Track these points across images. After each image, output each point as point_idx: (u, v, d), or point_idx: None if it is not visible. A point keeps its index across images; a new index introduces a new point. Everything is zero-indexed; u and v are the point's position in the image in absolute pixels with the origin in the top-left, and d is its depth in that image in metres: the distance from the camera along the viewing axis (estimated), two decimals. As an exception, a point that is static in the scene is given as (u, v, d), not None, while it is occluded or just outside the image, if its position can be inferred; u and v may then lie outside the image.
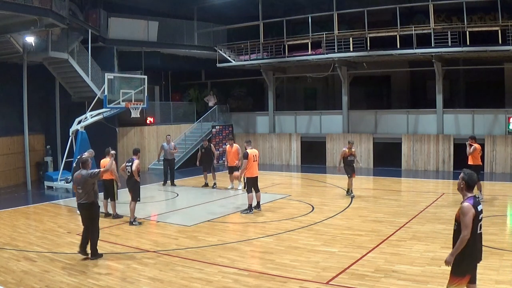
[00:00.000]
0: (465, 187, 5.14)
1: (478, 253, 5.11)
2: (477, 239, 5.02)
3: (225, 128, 23.40)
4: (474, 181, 5.14)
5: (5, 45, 15.89)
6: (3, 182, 16.85)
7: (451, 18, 20.17)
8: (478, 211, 4.99)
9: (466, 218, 4.96)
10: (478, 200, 5.12)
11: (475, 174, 5.17)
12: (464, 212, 4.98)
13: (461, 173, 5.21)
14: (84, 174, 8.17)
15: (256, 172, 11.85)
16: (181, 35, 22.26)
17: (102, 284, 6.94)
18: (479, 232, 5.05)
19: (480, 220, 5.03)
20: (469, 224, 4.93)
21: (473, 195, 5.10)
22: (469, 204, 4.99)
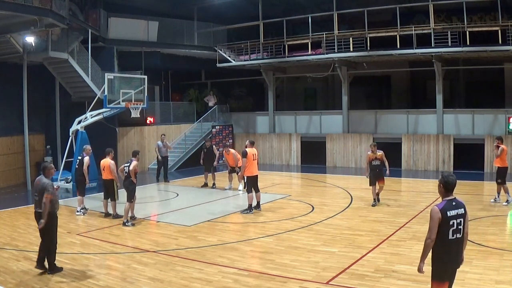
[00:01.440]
0: (443, 190, 4.98)
1: (450, 261, 4.92)
2: (447, 245, 4.85)
3: (225, 128, 23.40)
4: (451, 184, 4.93)
5: (5, 45, 15.88)
6: (3, 182, 16.84)
7: (451, 18, 20.18)
8: (448, 216, 4.81)
9: (431, 222, 4.89)
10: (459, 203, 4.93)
11: (453, 177, 4.99)
12: (430, 216, 4.91)
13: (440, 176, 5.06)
14: (42, 183, 7.40)
15: (255, 171, 11.86)
16: (181, 35, 22.26)
17: (102, 284, 6.94)
18: (453, 238, 4.84)
19: (451, 225, 4.82)
20: (432, 228, 4.86)
21: (449, 198, 4.93)
22: (436, 208, 4.87)
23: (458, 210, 4.88)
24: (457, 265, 5.03)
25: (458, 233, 4.86)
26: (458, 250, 4.93)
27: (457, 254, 4.94)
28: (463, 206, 4.94)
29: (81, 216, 11.73)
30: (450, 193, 4.95)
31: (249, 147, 12.06)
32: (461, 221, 4.87)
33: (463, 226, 4.89)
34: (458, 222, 4.84)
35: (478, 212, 11.11)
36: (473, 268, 7.15)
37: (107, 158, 11.36)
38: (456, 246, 4.90)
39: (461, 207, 4.91)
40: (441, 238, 4.82)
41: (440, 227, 4.82)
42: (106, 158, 11.37)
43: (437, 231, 4.83)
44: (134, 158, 11.00)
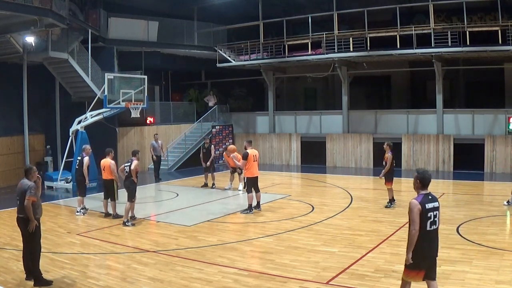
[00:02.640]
0: (419, 186, 5.34)
1: (429, 250, 5.25)
2: (426, 236, 5.18)
3: (225, 128, 23.40)
4: (428, 179, 5.33)
5: (5, 45, 15.89)
6: (3, 182, 16.85)
7: (451, 18, 20.18)
8: (426, 208, 5.17)
9: (412, 214, 5.20)
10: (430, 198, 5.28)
11: (429, 173, 5.41)
12: (410, 208, 5.22)
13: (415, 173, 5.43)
14: (24, 185, 7.01)
15: (256, 172, 11.87)
16: (181, 35, 22.26)
17: (102, 284, 6.94)
18: (430, 229, 5.21)
19: (429, 218, 5.18)
20: (414, 220, 5.16)
21: (425, 192, 5.29)
22: (415, 200, 5.21)
23: (434, 203, 5.29)
24: (435, 254, 5.36)
25: (435, 224, 5.26)
26: (435, 241, 5.32)
27: (435, 245, 5.32)
28: (437, 200, 5.37)
29: (81, 216, 11.73)
30: (426, 188, 5.34)
31: (248, 147, 12.06)
32: (436, 213, 5.28)
33: (438, 218, 5.31)
34: (434, 215, 5.25)
35: (478, 212, 11.11)
36: (473, 268, 7.16)
37: (107, 158, 11.36)
38: (433, 237, 5.29)
39: (436, 201, 5.33)
40: (420, 230, 5.17)
41: (418, 218, 5.16)
42: (106, 158, 11.37)
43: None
44: (134, 158, 11.00)
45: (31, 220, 6.90)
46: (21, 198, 6.95)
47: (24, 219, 6.96)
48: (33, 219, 6.90)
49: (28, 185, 6.96)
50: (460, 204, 12.36)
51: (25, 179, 7.10)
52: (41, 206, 7.22)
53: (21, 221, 7.02)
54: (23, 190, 6.95)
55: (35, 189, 6.99)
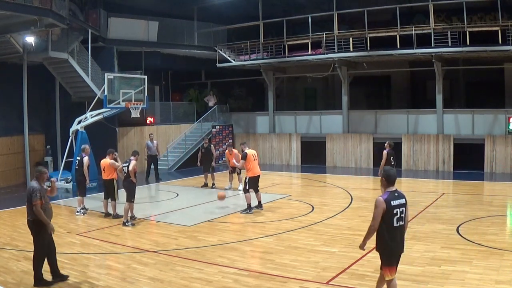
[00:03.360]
0: (385, 183, 5.54)
1: (396, 245, 5.44)
2: (392, 232, 5.36)
3: (225, 128, 23.39)
4: (393, 176, 5.53)
5: (5, 45, 15.88)
6: (3, 182, 16.85)
7: (451, 18, 20.18)
8: (392, 205, 5.33)
9: (375, 211, 5.36)
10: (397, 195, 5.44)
11: (394, 171, 5.62)
12: (375, 205, 5.38)
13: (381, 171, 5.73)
14: (30, 187, 7.01)
15: (258, 171, 11.92)
16: (181, 35, 22.26)
17: (102, 284, 6.94)
18: (397, 225, 5.36)
19: (395, 214, 5.34)
20: (376, 217, 5.33)
21: (391, 190, 5.45)
22: (380, 198, 5.38)
23: (400, 200, 5.43)
24: (402, 250, 5.56)
25: (401, 220, 5.41)
26: (401, 236, 5.49)
27: (401, 240, 5.50)
28: (404, 197, 5.51)
29: (81, 216, 11.73)
30: (392, 185, 5.51)
31: (245, 148, 12.07)
32: (403, 210, 5.43)
33: (405, 214, 5.46)
34: (400, 211, 5.39)
35: (478, 212, 11.11)
36: (473, 268, 7.16)
37: (107, 158, 11.36)
38: (400, 233, 5.46)
39: (402, 198, 5.48)
40: (387, 226, 5.32)
41: (385, 216, 5.31)
42: (106, 158, 11.37)
43: (383, 219, 5.31)
44: (133, 158, 11.00)
45: (46, 223, 6.87)
46: (28, 201, 6.93)
47: (31, 221, 6.94)
48: (47, 222, 6.87)
49: (34, 189, 6.90)
50: (460, 204, 12.36)
51: (34, 181, 7.08)
52: (50, 209, 7.14)
53: (29, 223, 7.01)
54: (28, 193, 6.93)
55: (41, 192, 6.92)
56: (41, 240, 6.96)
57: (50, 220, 7.03)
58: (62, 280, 7.01)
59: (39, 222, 6.86)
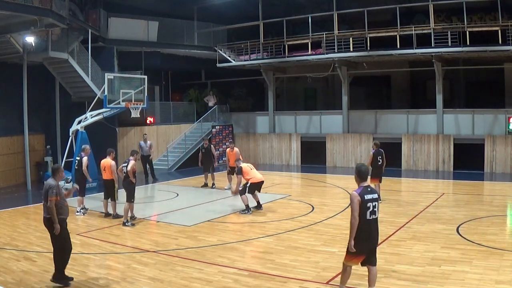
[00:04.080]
0: (358, 179, 5.95)
1: (369, 237, 5.79)
2: (366, 224, 5.72)
3: (225, 128, 23.39)
4: (364, 172, 5.92)
5: (5, 45, 15.89)
6: (3, 182, 16.84)
7: (451, 18, 20.18)
8: (365, 199, 5.71)
9: (352, 205, 5.74)
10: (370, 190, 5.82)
11: (365, 167, 6.01)
12: (351, 199, 5.78)
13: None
14: (46, 184, 7.01)
15: (260, 177, 11.90)
16: (181, 35, 22.25)
17: (102, 284, 6.94)
18: (369, 218, 5.74)
19: (368, 208, 5.71)
20: (354, 209, 5.70)
21: (364, 185, 5.85)
22: (355, 192, 5.79)
23: (373, 195, 5.82)
24: (375, 242, 5.96)
25: (374, 214, 5.79)
26: (375, 229, 5.87)
27: (375, 232, 5.88)
28: (376, 192, 5.95)
29: (81, 216, 11.73)
30: (364, 180, 5.91)
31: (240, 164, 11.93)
32: (375, 204, 5.81)
33: (377, 208, 5.83)
34: (373, 205, 5.78)
35: (478, 212, 11.11)
36: (473, 268, 7.16)
37: (108, 158, 11.36)
38: (373, 225, 5.83)
39: (374, 193, 5.89)
40: (361, 219, 5.70)
41: (360, 209, 5.68)
42: (107, 158, 11.36)
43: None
44: (132, 158, 11.00)
45: (55, 221, 6.87)
46: (45, 198, 6.97)
47: (47, 219, 6.95)
48: (56, 221, 6.86)
49: (50, 185, 6.93)
50: (460, 204, 12.36)
51: (50, 179, 7.09)
52: (66, 207, 7.13)
53: (46, 221, 7.02)
54: (45, 190, 6.96)
55: (58, 188, 6.96)
56: (61, 239, 6.98)
57: (66, 217, 7.10)
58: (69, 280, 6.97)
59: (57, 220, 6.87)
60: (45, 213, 6.98)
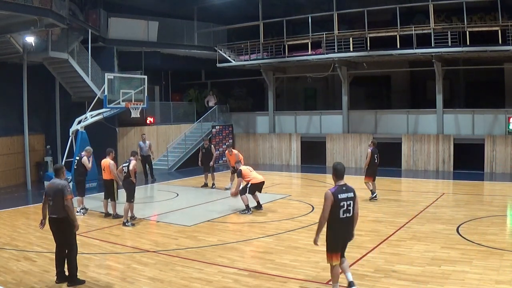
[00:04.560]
0: (334, 177, 6.07)
1: (343, 234, 5.98)
2: (339, 222, 5.87)
3: (225, 128, 23.39)
4: (340, 171, 6.03)
5: (5, 45, 15.89)
6: (3, 182, 16.84)
7: (451, 18, 20.19)
8: (339, 198, 5.82)
9: (324, 203, 5.88)
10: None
11: (341, 165, 6.11)
12: (324, 198, 5.89)
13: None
14: (57, 184, 6.89)
15: (261, 178, 11.92)
16: (181, 35, 22.25)
17: (102, 284, 6.94)
18: (343, 217, 5.85)
19: (342, 206, 5.82)
20: (325, 208, 5.85)
21: (340, 184, 5.95)
22: (329, 191, 5.90)
23: (348, 194, 5.91)
24: (348, 239, 6.09)
25: (348, 213, 5.89)
26: (348, 227, 5.98)
27: (348, 230, 6.00)
28: (353, 191, 5.98)
29: (81, 216, 11.72)
30: (341, 179, 6.01)
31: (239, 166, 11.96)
32: (350, 203, 5.90)
33: (352, 207, 5.92)
34: (348, 204, 5.87)
35: (478, 212, 11.11)
36: (473, 268, 7.16)
37: (107, 158, 11.36)
38: (346, 224, 5.93)
39: (350, 191, 5.95)
40: (334, 217, 5.82)
41: (332, 207, 5.80)
42: (106, 158, 11.36)
43: (330, 211, 5.81)
44: (132, 158, 11.01)
45: (74, 219, 6.80)
46: (54, 198, 6.80)
47: (58, 219, 6.80)
48: (75, 218, 6.82)
49: (63, 184, 6.83)
50: (460, 204, 12.36)
51: (56, 178, 7.00)
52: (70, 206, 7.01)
53: (54, 222, 6.86)
54: (57, 189, 6.80)
55: (70, 187, 6.92)
56: (75, 237, 6.96)
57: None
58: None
59: (67, 219, 6.79)
60: (58, 214, 6.79)
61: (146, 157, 17.78)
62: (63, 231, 6.87)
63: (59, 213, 6.80)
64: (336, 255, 5.98)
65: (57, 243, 6.98)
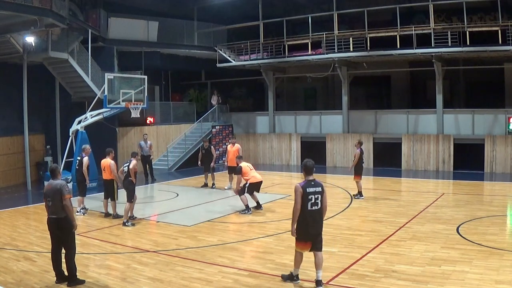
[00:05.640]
0: (304, 173, 6.67)
1: (312, 225, 6.48)
2: (308, 214, 6.43)
3: (225, 128, 23.40)
4: (309, 167, 6.60)
5: (5, 45, 15.89)
6: (3, 182, 16.84)
7: (451, 18, 20.19)
8: (307, 192, 6.39)
9: (295, 196, 6.43)
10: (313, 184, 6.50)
11: (311, 162, 6.66)
12: (294, 191, 6.44)
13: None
14: (56, 184, 6.89)
15: (259, 177, 11.92)
16: (181, 35, 22.26)
17: (102, 284, 6.94)
18: (311, 209, 6.43)
19: (310, 199, 6.39)
20: (296, 200, 6.40)
21: (309, 179, 6.52)
22: (298, 185, 6.44)
23: (316, 188, 6.50)
24: (317, 229, 6.60)
25: (316, 205, 6.48)
26: (316, 218, 6.55)
27: (316, 221, 6.56)
28: (321, 185, 6.59)
29: (81, 216, 11.72)
30: (310, 175, 6.58)
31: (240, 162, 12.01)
32: (318, 196, 6.48)
33: (320, 200, 6.52)
34: (315, 197, 6.46)
35: (478, 212, 11.11)
36: (473, 268, 7.16)
37: (107, 158, 11.36)
38: (314, 215, 6.50)
39: (318, 186, 6.54)
40: (302, 209, 6.39)
41: (301, 200, 6.36)
42: (106, 158, 11.37)
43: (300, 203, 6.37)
44: (133, 158, 11.02)
45: (73, 219, 6.82)
46: (53, 198, 6.80)
47: (57, 219, 6.81)
48: (74, 218, 6.83)
49: (61, 184, 6.83)
50: (460, 204, 12.36)
51: (52, 179, 7.00)
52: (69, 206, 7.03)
53: (53, 222, 6.86)
54: (55, 190, 6.80)
55: (68, 187, 6.95)
56: (74, 237, 6.97)
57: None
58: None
59: (68, 221, 6.80)
60: (57, 214, 6.80)
61: (146, 157, 17.79)
62: (62, 231, 6.88)
63: (59, 213, 6.82)
64: (303, 244, 6.55)
65: (55, 243, 6.99)
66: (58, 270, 6.96)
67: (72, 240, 6.98)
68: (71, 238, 6.97)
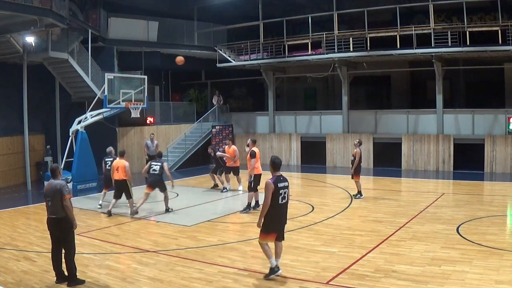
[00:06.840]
0: (272, 169, 7.04)
1: (280, 218, 6.96)
2: (278, 207, 6.84)
3: (225, 128, 23.39)
4: (277, 164, 7.02)
5: (5, 45, 15.89)
6: (3, 182, 16.84)
7: (451, 18, 20.18)
8: (278, 187, 6.80)
9: (266, 192, 6.79)
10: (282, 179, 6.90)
11: (279, 159, 7.11)
12: (265, 187, 6.81)
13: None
14: (55, 184, 6.90)
15: (261, 169, 12.02)
16: (181, 35, 22.25)
17: (102, 284, 6.94)
18: (281, 203, 6.86)
19: (280, 194, 6.81)
20: (267, 196, 6.77)
21: (277, 174, 6.93)
22: (269, 181, 6.83)
23: (284, 183, 6.93)
24: (285, 221, 7.10)
25: (284, 199, 6.93)
26: (284, 211, 7.04)
27: (284, 214, 7.05)
28: (287, 181, 7.00)
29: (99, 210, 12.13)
30: (277, 171, 7.02)
31: (252, 146, 12.14)
32: (286, 191, 6.94)
33: (287, 194, 6.97)
34: (284, 192, 6.91)
35: (478, 212, 11.11)
36: (473, 268, 7.16)
37: (121, 159, 11.52)
38: (283, 209, 6.98)
39: (286, 181, 6.97)
40: (274, 203, 6.79)
41: (273, 195, 6.75)
42: (121, 159, 11.52)
43: (271, 198, 6.74)
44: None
45: (73, 219, 6.84)
46: (53, 198, 6.81)
47: (57, 219, 6.81)
48: (74, 218, 6.85)
49: (61, 184, 6.85)
50: (460, 204, 12.36)
51: (53, 179, 7.01)
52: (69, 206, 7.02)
53: (53, 222, 6.86)
54: (55, 190, 6.80)
55: (68, 187, 6.97)
56: (73, 237, 6.97)
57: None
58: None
59: (68, 221, 6.80)
60: (57, 214, 6.81)
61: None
62: (62, 231, 6.88)
63: (58, 213, 6.82)
64: (271, 236, 6.94)
65: (55, 243, 6.98)
66: (58, 270, 6.96)
67: (72, 240, 6.97)
68: (71, 238, 6.97)
